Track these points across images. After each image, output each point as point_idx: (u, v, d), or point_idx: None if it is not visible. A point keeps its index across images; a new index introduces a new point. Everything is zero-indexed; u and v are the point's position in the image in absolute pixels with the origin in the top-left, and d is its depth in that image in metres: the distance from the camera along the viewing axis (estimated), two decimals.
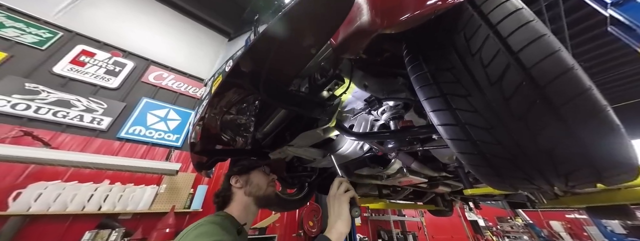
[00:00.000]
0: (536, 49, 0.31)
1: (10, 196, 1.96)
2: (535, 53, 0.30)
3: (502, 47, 0.33)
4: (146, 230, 2.42)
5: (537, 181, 0.40)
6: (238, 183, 0.76)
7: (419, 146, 0.77)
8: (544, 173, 0.37)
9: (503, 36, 0.33)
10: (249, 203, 0.74)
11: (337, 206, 0.60)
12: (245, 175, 0.78)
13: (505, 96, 0.33)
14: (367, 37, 0.33)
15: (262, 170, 0.83)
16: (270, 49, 0.40)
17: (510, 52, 0.32)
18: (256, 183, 0.76)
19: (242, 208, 0.72)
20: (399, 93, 0.75)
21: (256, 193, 0.75)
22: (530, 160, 0.35)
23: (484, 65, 0.35)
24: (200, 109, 0.71)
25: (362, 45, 0.36)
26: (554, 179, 0.38)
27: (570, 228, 8.29)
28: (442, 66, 0.41)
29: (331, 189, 0.65)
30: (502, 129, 0.35)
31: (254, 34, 0.41)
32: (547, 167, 0.35)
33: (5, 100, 2.37)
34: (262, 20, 0.42)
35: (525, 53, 0.31)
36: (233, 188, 0.76)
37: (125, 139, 2.94)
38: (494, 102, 0.34)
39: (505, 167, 0.39)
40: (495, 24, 0.35)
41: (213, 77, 0.67)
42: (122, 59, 3.47)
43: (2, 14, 2.78)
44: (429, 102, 0.44)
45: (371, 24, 0.31)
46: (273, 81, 0.50)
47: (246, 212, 0.72)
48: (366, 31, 0.32)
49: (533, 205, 2.19)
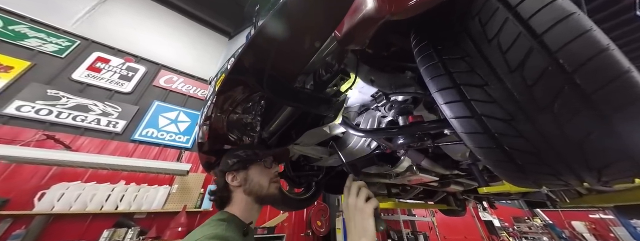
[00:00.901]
0: (563, 29, 0.28)
1: (35, 196, 2.08)
2: (562, 34, 0.28)
3: (523, 30, 0.30)
4: (160, 228, 2.50)
5: (565, 177, 0.37)
6: (235, 181, 0.66)
7: (430, 142, 0.74)
8: (573, 168, 0.33)
9: (524, 18, 0.30)
10: (251, 202, 0.65)
11: (359, 219, 0.51)
12: (242, 172, 0.67)
13: (528, 83, 0.30)
14: (374, 25, 0.31)
15: (262, 163, 0.71)
16: (272, 44, 0.39)
17: (533, 35, 0.29)
18: (257, 182, 0.66)
19: (244, 207, 0.64)
20: (407, 88, 0.72)
21: (258, 193, 0.66)
22: (558, 154, 0.32)
23: (503, 51, 0.32)
24: (206, 109, 0.71)
25: (369, 33, 0.34)
26: (585, 174, 0.34)
27: (595, 229, 7.74)
28: (455, 55, 0.39)
29: (349, 196, 0.56)
30: (525, 120, 0.32)
31: (254, 28, 0.40)
32: (577, 161, 0.32)
33: (29, 106, 2.53)
34: (263, 14, 0.41)
35: (550, 35, 0.28)
36: (230, 186, 0.66)
37: (139, 141, 3.05)
38: (515, 91, 0.31)
39: (528, 161, 0.36)
40: (514, 6, 0.32)
41: (216, 76, 0.67)
42: (135, 64, 3.61)
43: (26, 25, 2.96)
44: (441, 93, 0.41)
45: (378, 11, 0.29)
46: (277, 77, 0.49)
47: (249, 211, 0.65)
48: (373, 18, 0.30)
49: (554, 205, 2.06)
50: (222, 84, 0.49)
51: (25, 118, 2.46)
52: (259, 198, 0.66)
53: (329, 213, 4.17)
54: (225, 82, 0.47)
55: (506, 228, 8.15)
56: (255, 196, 0.65)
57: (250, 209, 0.65)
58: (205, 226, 0.54)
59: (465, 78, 0.37)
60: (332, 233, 3.89)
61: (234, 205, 0.65)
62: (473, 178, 1.28)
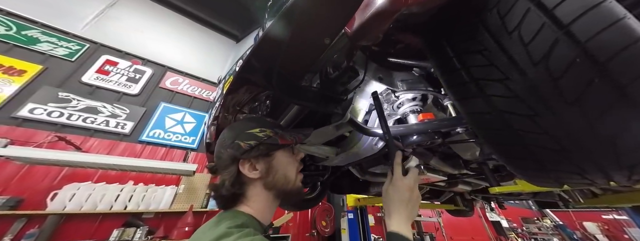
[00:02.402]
0: (593, 18, 0.26)
1: (48, 196, 2.14)
2: (593, 24, 0.26)
3: (548, 20, 0.29)
4: (167, 228, 2.53)
5: (592, 176, 0.35)
6: (254, 171, 0.49)
7: (440, 141, 0.72)
8: (601, 166, 0.32)
9: (548, 8, 0.29)
10: (271, 198, 0.50)
11: (411, 204, 0.47)
12: (263, 159, 0.50)
13: (554, 76, 0.28)
14: (390, 18, 0.30)
15: (289, 149, 0.55)
16: (281, 42, 0.39)
17: (559, 26, 0.28)
18: (283, 173, 0.51)
19: (263, 206, 0.49)
20: (416, 85, 0.71)
21: (283, 187, 0.51)
22: (586, 151, 0.30)
23: (525, 43, 0.31)
24: (214, 110, 0.71)
25: (383, 27, 0.33)
26: (615, 172, 0.32)
27: (608, 230, 7.47)
28: (471, 49, 0.37)
29: (405, 179, 0.50)
30: (550, 115, 0.30)
31: (263, 27, 0.39)
32: (607, 159, 0.30)
33: (42, 108, 2.60)
34: (272, 13, 0.41)
35: (578, 25, 0.27)
36: (245, 178, 0.49)
37: (146, 142, 3.10)
38: (539, 85, 0.30)
39: (552, 159, 0.34)
40: None
41: (224, 79, 0.67)
42: (142, 67, 3.67)
43: (38, 30, 3.05)
44: (457, 89, 0.40)
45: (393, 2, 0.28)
46: (285, 76, 0.48)
47: (268, 211, 0.50)
48: (388, 11, 0.29)
49: (566, 205, 1.98)
50: (231, 84, 0.49)
51: (38, 121, 2.53)
52: (283, 194, 0.52)
53: (333, 213, 4.15)
54: (234, 81, 0.46)
55: (515, 229, 7.96)
56: (277, 191, 0.51)
57: (269, 207, 0.51)
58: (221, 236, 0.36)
59: (483, 72, 0.36)
60: (337, 234, 3.87)
61: (249, 202, 0.49)
62: (482, 177, 1.25)
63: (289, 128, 0.61)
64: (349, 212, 3.84)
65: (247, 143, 0.48)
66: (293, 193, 0.53)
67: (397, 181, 0.50)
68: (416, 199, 0.49)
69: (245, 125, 0.53)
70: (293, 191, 0.53)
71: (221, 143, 0.52)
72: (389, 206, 0.48)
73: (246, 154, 0.48)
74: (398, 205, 0.47)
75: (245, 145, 0.48)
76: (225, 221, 0.41)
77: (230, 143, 0.49)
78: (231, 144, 0.49)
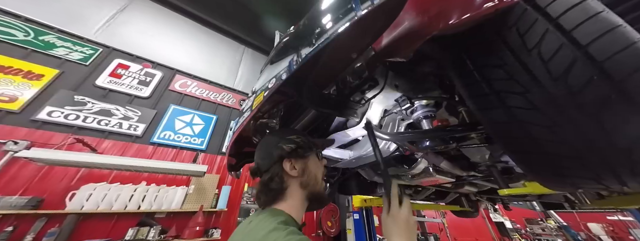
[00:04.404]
0: (610, 41, 0.29)
1: (67, 196, 2.22)
2: (609, 45, 0.29)
3: (566, 41, 0.32)
4: (179, 227, 2.60)
5: (607, 181, 0.37)
6: (294, 169, 0.54)
7: (454, 145, 0.75)
8: (617, 173, 0.34)
9: (567, 30, 0.32)
10: (304, 198, 0.54)
11: (408, 235, 0.48)
12: (301, 160, 0.56)
13: (573, 91, 0.31)
14: (421, 40, 0.34)
15: (317, 153, 0.62)
16: (316, 64, 0.42)
17: (577, 46, 0.31)
18: (314, 175, 0.56)
19: (299, 204, 0.53)
20: (431, 92, 0.74)
21: (313, 187, 0.55)
22: (603, 159, 0.33)
23: (544, 60, 0.34)
24: (242, 119, 0.75)
25: (414, 47, 0.36)
26: (629, 179, 0.35)
27: (613, 231, 7.31)
28: (492, 63, 0.40)
29: (401, 211, 0.51)
30: (569, 126, 0.33)
31: (298, 55, 0.41)
32: (623, 167, 0.33)
33: (59, 111, 2.70)
34: (306, 42, 0.42)
35: (595, 46, 0.30)
36: (286, 175, 0.54)
37: (157, 144, 3.18)
38: (558, 98, 0.33)
39: (569, 166, 0.37)
40: (555, 18, 0.33)
41: (255, 93, 0.71)
42: (152, 70, 3.77)
43: (54, 35, 3.16)
44: (478, 100, 0.43)
45: (426, 26, 0.31)
46: (313, 87, 0.52)
47: (302, 210, 0.54)
48: (420, 34, 0.32)
49: (572, 206, 1.96)
50: (266, 100, 0.51)
51: (55, 123, 2.63)
52: (312, 194, 0.56)
53: (339, 214, 4.18)
54: (270, 96, 0.49)
55: (518, 230, 7.87)
56: (309, 192, 0.56)
57: (302, 206, 0.54)
58: (272, 230, 0.40)
59: (504, 85, 0.39)
60: (343, 234, 3.89)
61: (287, 201, 0.52)
62: (489, 179, 1.26)
63: (315, 137, 0.68)
64: (355, 213, 3.85)
65: (289, 145, 0.57)
66: (319, 195, 0.58)
67: (395, 213, 0.51)
68: (413, 227, 0.50)
69: (285, 133, 0.63)
70: (320, 193, 0.59)
71: (265, 146, 0.60)
72: (390, 237, 0.50)
73: (288, 154, 0.56)
74: (397, 236, 0.49)
75: (288, 147, 0.56)
76: (270, 217, 0.45)
77: (274, 146, 0.57)
78: (276, 147, 0.57)
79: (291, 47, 0.51)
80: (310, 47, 0.38)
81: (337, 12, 0.37)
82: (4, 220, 1.97)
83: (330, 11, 0.39)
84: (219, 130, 3.92)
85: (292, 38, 0.58)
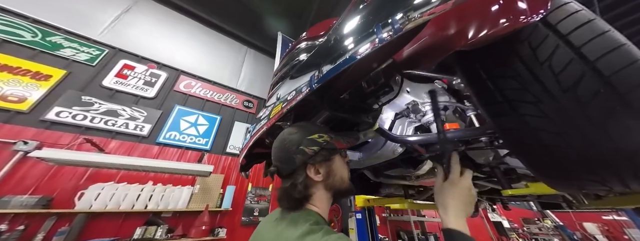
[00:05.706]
0: (616, 57, 0.32)
1: (76, 196, 2.26)
2: (615, 61, 0.32)
3: (576, 56, 0.35)
4: (185, 227, 2.64)
5: (611, 184, 0.41)
6: (318, 174, 0.53)
7: (463, 148, 0.78)
8: (621, 177, 0.37)
9: (576, 46, 0.35)
10: (329, 199, 0.56)
11: (467, 201, 0.50)
12: (325, 163, 0.55)
13: (582, 102, 0.34)
14: (444, 55, 0.37)
15: (341, 153, 0.60)
16: (339, 77, 0.45)
17: (585, 61, 0.34)
18: (340, 175, 0.56)
19: (325, 204, 0.54)
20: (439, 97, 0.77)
21: (339, 187, 0.56)
22: (609, 164, 0.36)
23: (555, 73, 0.37)
24: (259, 125, 0.78)
25: (437, 61, 0.39)
26: (632, 182, 0.38)
27: (608, 231, 7.39)
28: (505, 74, 0.44)
29: (462, 179, 0.52)
30: (577, 134, 0.36)
31: (319, 71, 0.45)
32: (627, 171, 0.36)
33: (67, 111, 2.74)
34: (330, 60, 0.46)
35: (602, 62, 0.33)
36: (310, 180, 0.53)
37: (163, 144, 3.22)
38: (568, 108, 0.36)
39: (577, 170, 0.40)
40: (566, 34, 0.36)
41: (273, 104, 0.74)
42: (157, 71, 3.81)
43: (61, 36, 3.20)
44: (491, 108, 0.46)
45: (449, 42, 0.35)
46: (333, 94, 0.55)
47: (328, 209, 0.55)
48: (443, 49, 0.35)
49: (570, 206, 1.98)
50: (288, 111, 0.55)
51: (64, 123, 2.67)
52: (338, 194, 0.57)
53: (341, 213, 4.21)
54: (297, 105, 0.52)
55: (516, 230, 7.95)
56: (334, 192, 0.56)
57: (328, 204, 0.55)
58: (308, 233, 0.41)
59: (517, 95, 0.42)
60: (345, 233, 3.93)
61: (314, 202, 0.53)
62: (492, 180, 1.29)
63: (340, 133, 0.64)
64: (357, 212, 3.89)
65: (311, 148, 0.52)
66: (347, 192, 0.58)
67: (456, 180, 0.52)
68: (474, 197, 0.51)
69: (306, 131, 0.56)
70: (347, 191, 0.58)
71: (285, 148, 0.54)
72: (447, 203, 0.49)
73: (311, 159, 0.53)
74: (458, 202, 0.49)
75: (310, 150, 0.52)
76: (302, 219, 0.46)
77: (296, 149, 0.53)
78: (297, 150, 0.52)
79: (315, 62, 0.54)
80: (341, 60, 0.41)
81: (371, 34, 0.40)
82: (16, 219, 2.00)
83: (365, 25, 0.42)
84: (223, 130, 3.97)
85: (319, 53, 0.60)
